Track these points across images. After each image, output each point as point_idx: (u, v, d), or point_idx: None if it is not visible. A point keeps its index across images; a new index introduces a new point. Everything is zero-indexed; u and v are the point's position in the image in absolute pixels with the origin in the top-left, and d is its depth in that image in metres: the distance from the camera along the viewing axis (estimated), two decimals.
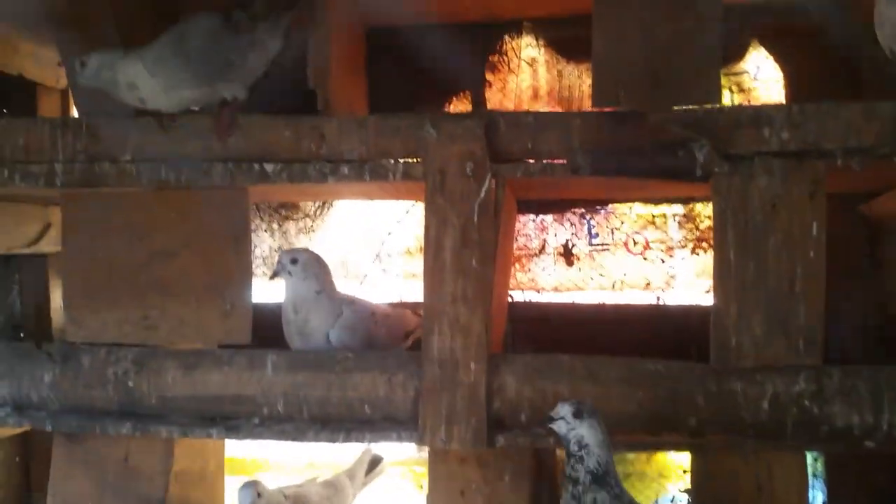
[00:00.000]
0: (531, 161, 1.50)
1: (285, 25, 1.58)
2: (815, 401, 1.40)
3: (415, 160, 1.52)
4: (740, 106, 1.50)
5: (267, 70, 1.61)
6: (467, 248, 1.48)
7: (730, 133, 1.43)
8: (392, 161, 1.53)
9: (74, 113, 2.17)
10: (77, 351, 1.62)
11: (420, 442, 1.49)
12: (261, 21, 1.56)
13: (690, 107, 1.49)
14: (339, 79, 1.71)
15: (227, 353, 1.58)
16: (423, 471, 2.00)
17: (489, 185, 1.48)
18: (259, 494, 1.59)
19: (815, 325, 1.42)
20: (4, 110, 2.08)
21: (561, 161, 1.49)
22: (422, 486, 2.45)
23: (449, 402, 1.47)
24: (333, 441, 1.52)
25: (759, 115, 1.44)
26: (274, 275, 1.59)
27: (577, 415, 1.22)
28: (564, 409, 1.23)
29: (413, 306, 1.87)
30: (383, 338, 1.71)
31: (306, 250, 1.65)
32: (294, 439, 1.54)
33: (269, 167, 1.55)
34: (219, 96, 1.56)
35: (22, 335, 2.06)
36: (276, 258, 1.62)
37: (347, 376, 1.53)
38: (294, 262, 1.58)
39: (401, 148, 1.53)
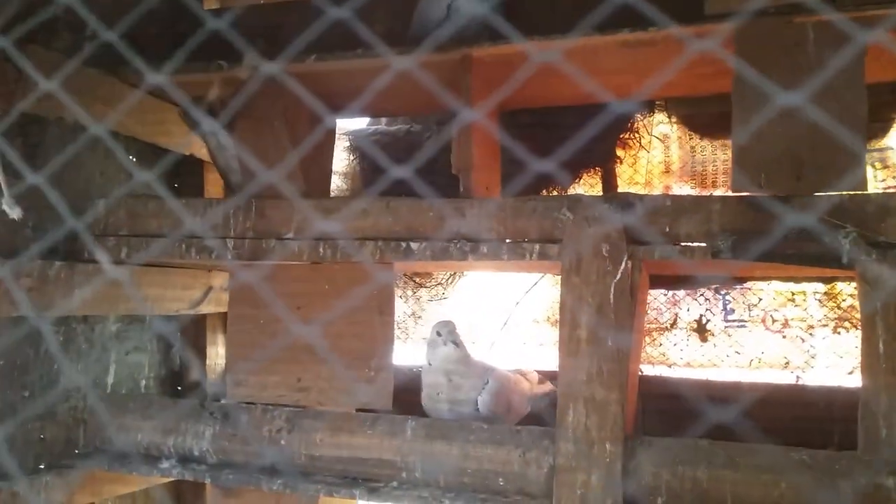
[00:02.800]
0: (669, 244, 1.53)
1: None
2: None
3: (551, 241, 1.59)
4: (888, 193, 1.46)
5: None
6: (603, 328, 1.52)
7: (878, 220, 1.41)
8: (529, 242, 1.60)
9: None
10: (236, 409, 1.76)
11: None
12: None
13: (835, 193, 1.48)
14: (479, 162, 1.82)
15: (370, 417, 1.68)
16: None
17: (626, 266, 1.52)
18: None
19: None
20: (176, 185, 2.32)
21: (700, 244, 1.51)
22: None
23: (584, 481, 1.49)
24: None
25: None
26: (431, 345, 1.69)
27: None
28: None
29: (526, 373, 1.92)
30: (516, 404, 1.77)
31: (451, 321, 1.74)
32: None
33: (414, 245, 1.67)
34: None
35: (179, 388, 2.26)
36: (432, 331, 1.70)
37: (482, 448, 1.58)
38: (448, 332, 1.68)
39: (537, 229, 1.60)
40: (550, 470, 1.52)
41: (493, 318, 1.84)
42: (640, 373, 2.08)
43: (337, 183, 2.62)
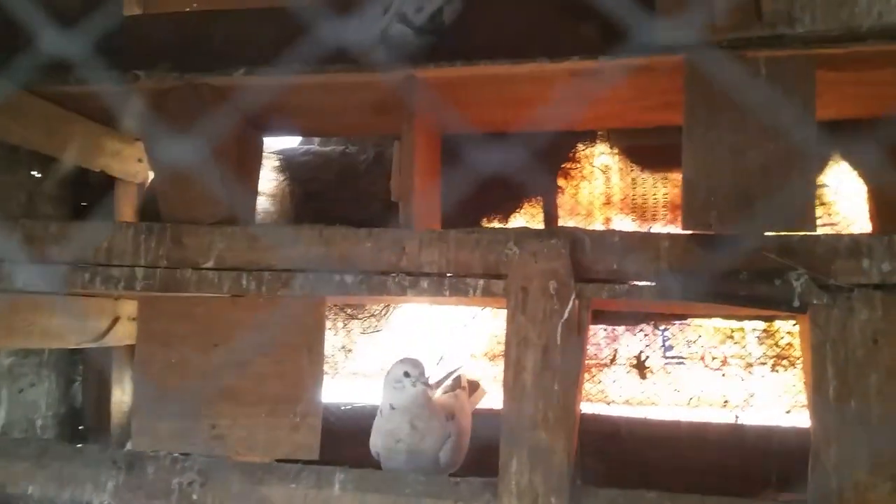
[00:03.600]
0: (617, 282, 1.46)
1: None
2: None
3: (496, 276, 1.49)
4: (837, 235, 1.44)
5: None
6: (549, 371, 1.43)
7: (827, 262, 1.38)
8: (472, 278, 1.50)
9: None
10: (142, 458, 1.58)
11: None
12: None
13: (785, 233, 1.44)
14: (420, 188, 1.71)
15: (293, 468, 1.53)
16: None
17: (573, 305, 1.44)
18: None
19: None
20: (84, 203, 2.13)
21: (649, 283, 1.45)
22: None
23: None
24: None
25: (859, 245, 1.38)
26: (395, 386, 1.55)
27: None
28: None
29: (462, 385, 1.80)
30: (466, 443, 1.66)
31: (419, 359, 1.60)
32: None
33: (348, 278, 1.54)
34: None
35: (81, 427, 2.04)
36: (395, 369, 1.56)
37: (417, 501, 1.46)
38: (418, 373, 1.54)
39: (481, 263, 1.50)
40: None
41: (429, 352, 1.73)
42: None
43: (264, 205, 2.46)
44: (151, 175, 2.16)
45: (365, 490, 1.48)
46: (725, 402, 2.07)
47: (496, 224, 2.19)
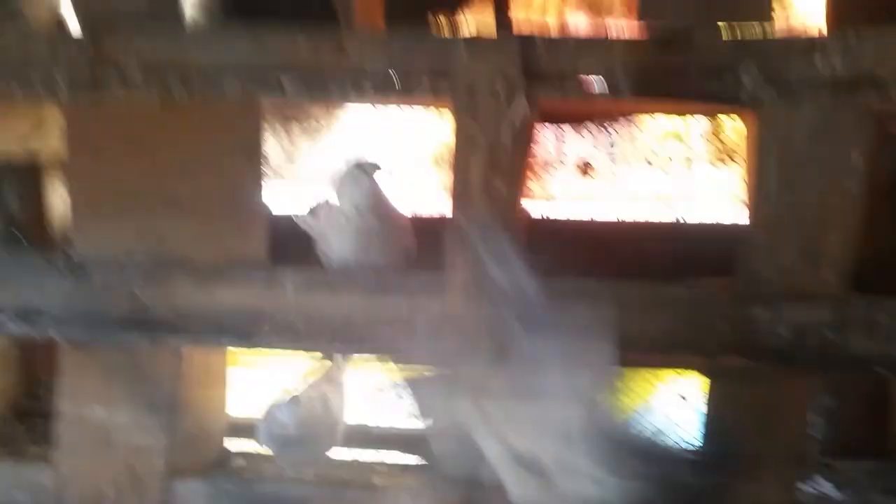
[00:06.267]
0: (566, 79, 1.42)
1: None
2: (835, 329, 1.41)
3: (442, 76, 1.43)
4: (793, 36, 1.40)
5: None
6: (497, 173, 1.42)
7: (780, 60, 1.35)
8: (417, 77, 1.44)
9: None
10: (87, 264, 1.56)
11: None
12: None
13: (738, 24, 1.40)
14: None
15: (243, 268, 1.54)
16: None
17: (521, 105, 1.40)
18: None
19: (845, 256, 1.41)
20: None
21: (599, 79, 1.41)
22: None
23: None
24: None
25: (813, 44, 1.35)
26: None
27: None
28: None
29: None
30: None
31: (359, 161, 1.59)
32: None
33: (285, 80, 1.45)
34: None
35: (24, 243, 1.99)
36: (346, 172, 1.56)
37: (369, 297, 1.51)
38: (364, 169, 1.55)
39: (428, 66, 1.43)
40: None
41: (372, 157, 1.69)
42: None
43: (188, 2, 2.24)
44: None
45: (316, 288, 1.52)
46: (666, 198, 2.13)
47: (443, 19, 2.07)
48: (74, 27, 1.49)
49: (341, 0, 1.52)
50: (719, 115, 2.03)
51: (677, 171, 2.13)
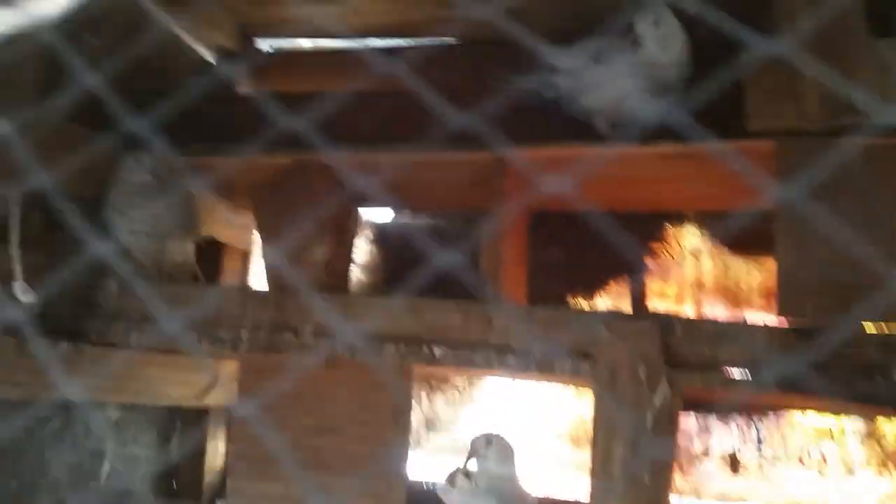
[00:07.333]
0: (709, 370, 1.44)
1: None
2: None
3: (584, 356, 1.49)
4: None
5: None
6: (639, 460, 1.40)
7: None
8: (560, 357, 1.51)
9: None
10: None
11: None
12: None
13: (886, 325, 1.39)
14: (508, 264, 1.75)
15: None
16: None
17: (664, 391, 1.42)
18: None
19: None
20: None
21: (743, 371, 1.42)
22: None
23: None
24: None
25: None
26: (468, 458, 1.56)
27: None
28: None
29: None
30: None
31: (499, 435, 1.61)
32: None
33: (437, 350, 1.58)
34: None
35: (175, 486, 2.12)
36: (478, 441, 1.58)
37: None
38: (489, 443, 1.55)
39: (569, 342, 1.51)
40: None
41: (511, 431, 1.72)
42: None
43: (356, 274, 2.55)
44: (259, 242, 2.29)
45: None
46: None
47: (581, 302, 2.20)
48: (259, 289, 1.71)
49: (490, 276, 1.67)
50: (876, 417, 1.91)
51: (833, 476, 1.96)
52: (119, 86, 1.30)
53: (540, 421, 2.21)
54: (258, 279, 2.29)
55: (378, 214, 2.75)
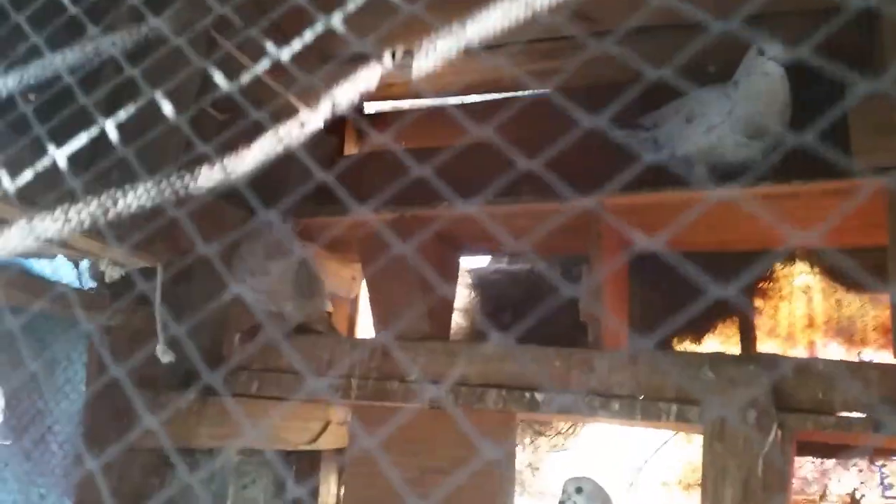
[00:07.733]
0: (823, 413, 1.39)
1: None
2: None
3: (689, 402, 1.48)
4: None
5: None
6: None
7: None
8: (665, 402, 1.50)
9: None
10: None
11: None
12: None
13: None
14: (609, 309, 1.76)
15: None
16: None
17: (775, 435, 1.39)
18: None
19: None
20: None
21: (859, 415, 1.37)
22: None
23: None
24: None
25: None
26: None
27: None
28: None
29: None
30: None
31: (591, 479, 1.62)
32: None
33: (539, 396, 1.60)
34: None
35: None
36: (562, 486, 1.60)
37: None
38: (579, 490, 1.56)
39: (674, 387, 1.50)
40: None
41: (617, 476, 1.71)
42: None
43: (456, 320, 2.61)
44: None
45: None
46: None
47: (687, 344, 2.16)
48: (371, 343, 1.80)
49: (591, 321, 1.68)
50: None
51: None
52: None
53: (649, 466, 2.17)
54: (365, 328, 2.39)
55: (475, 261, 2.82)
